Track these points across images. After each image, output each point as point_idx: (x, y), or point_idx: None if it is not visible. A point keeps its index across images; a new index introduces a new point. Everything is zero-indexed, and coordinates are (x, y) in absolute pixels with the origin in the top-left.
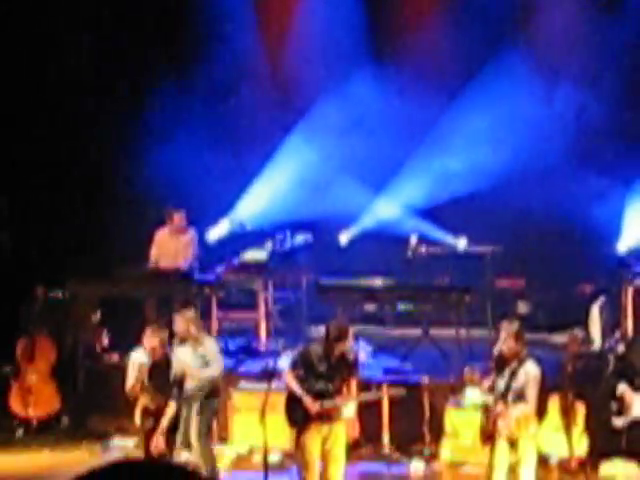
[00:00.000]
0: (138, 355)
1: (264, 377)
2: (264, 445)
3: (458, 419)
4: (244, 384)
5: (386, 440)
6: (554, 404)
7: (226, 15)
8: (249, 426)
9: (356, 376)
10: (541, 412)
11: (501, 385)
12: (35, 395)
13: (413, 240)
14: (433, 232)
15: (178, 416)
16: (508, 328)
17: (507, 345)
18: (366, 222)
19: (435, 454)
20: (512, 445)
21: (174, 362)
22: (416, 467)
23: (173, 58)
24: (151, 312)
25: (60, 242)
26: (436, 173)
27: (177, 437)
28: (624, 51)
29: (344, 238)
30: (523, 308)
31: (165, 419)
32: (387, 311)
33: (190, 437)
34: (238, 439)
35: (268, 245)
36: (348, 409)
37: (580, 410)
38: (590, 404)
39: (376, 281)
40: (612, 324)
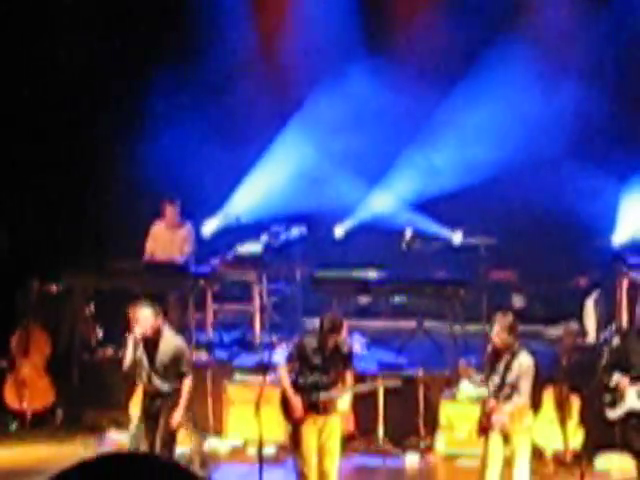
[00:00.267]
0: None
1: (259, 370)
2: (259, 438)
3: (453, 412)
4: (239, 377)
5: (381, 433)
6: (549, 397)
7: (221, 9)
8: (244, 419)
9: (351, 369)
10: (536, 405)
11: (495, 378)
12: (30, 388)
13: (408, 233)
14: (428, 225)
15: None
16: (502, 320)
17: (500, 337)
18: (361, 215)
19: (430, 447)
20: (506, 439)
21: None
22: (411, 460)
23: (168, 54)
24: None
25: (55, 235)
26: (431, 166)
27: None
28: (620, 46)
29: (339, 231)
30: (518, 301)
31: (185, 394)
32: (382, 304)
33: None
34: (233, 432)
35: (263, 238)
36: (343, 402)
37: (575, 403)
38: (585, 397)
39: (371, 274)
40: (607, 317)
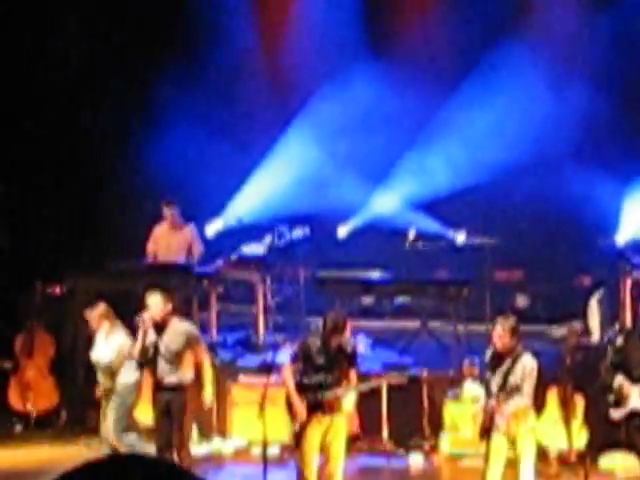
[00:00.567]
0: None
1: (263, 370)
2: (263, 439)
3: (457, 412)
4: (243, 378)
5: (385, 434)
6: (553, 397)
7: (224, 11)
8: (248, 420)
9: (355, 368)
10: (539, 405)
11: (498, 380)
12: (34, 390)
13: (411, 233)
14: (431, 225)
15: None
16: (504, 323)
17: (502, 341)
18: (364, 215)
19: (434, 447)
20: (510, 440)
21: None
22: (415, 460)
23: (171, 55)
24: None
25: (58, 237)
26: (434, 166)
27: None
28: (624, 45)
29: (342, 231)
30: (522, 301)
31: (207, 373)
32: (385, 304)
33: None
34: (237, 433)
35: (267, 239)
36: (347, 402)
37: (579, 403)
38: (589, 396)
39: (374, 274)
40: (611, 316)
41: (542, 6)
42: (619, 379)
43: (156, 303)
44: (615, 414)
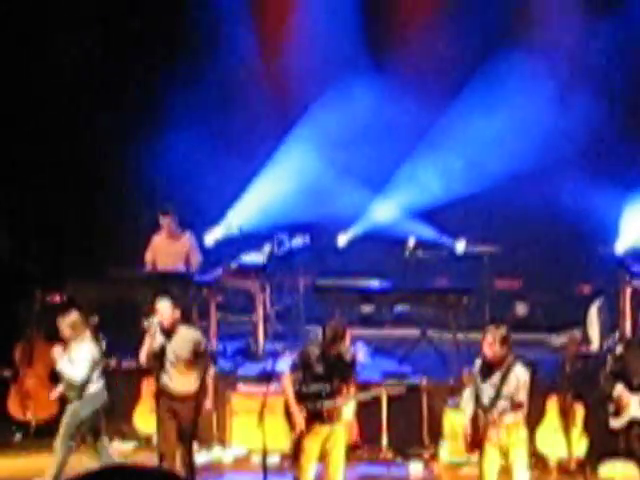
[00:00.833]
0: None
1: (262, 379)
2: (263, 447)
3: (457, 421)
4: (243, 387)
5: (385, 442)
6: (553, 405)
7: (226, 19)
8: (248, 429)
9: (354, 377)
10: (539, 413)
11: (489, 392)
12: (34, 399)
13: (411, 242)
14: (431, 234)
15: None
16: (495, 332)
17: (492, 349)
18: (364, 224)
19: (434, 456)
20: (503, 451)
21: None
22: (415, 469)
23: (171, 63)
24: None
25: (57, 245)
26: (434, 175)
27: None
28: (625, 54)
29: (342, 240)
30: (521, 309)
31: (210, 379)
32: (385, 313)
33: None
34: (237, 441)
35: (266, 247)
36: (347, 411)
37: (579, 411)
38: (589, 405)
39: (374, 283)
40: (610, 325)
41: (542, 15)
42: (619, 388)
43: (165, 308)
44: (615, 423)
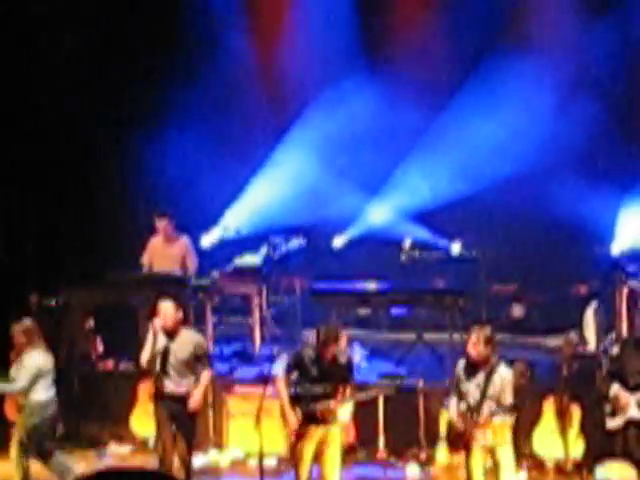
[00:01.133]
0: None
1: (259, 382)
2: (259, 450)
3: None
4: (239, 389)
5: (381, 444)
6: (549, 406)
7: (222, 22)
8: (244, 431)
9: (350, 380)
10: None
11: (474, 393)
12: None
13: (407, 244)
14: (427, 236)
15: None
16: (479, 332)
17: (476, 349)
18: (360, 227)
19: (431, 458)
20: (488, 451)
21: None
22: (412, 471)
23: (167, 67)
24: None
25: (53, 250)
26: (429, 177)
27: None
28: (620, 53)
29: (338, 243)
30: (518, 311)
31: (203, 381)
32: (381, 315)
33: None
34: (233, 444)
35: (262, 250)
36: (344, 413)
37: (575, 412)
38: (585, 406)
39: (370, 285)
40: (606, 326)
41: (538, 17)
42: (615, 388)
43: (167, 309)
44: (611, 424)
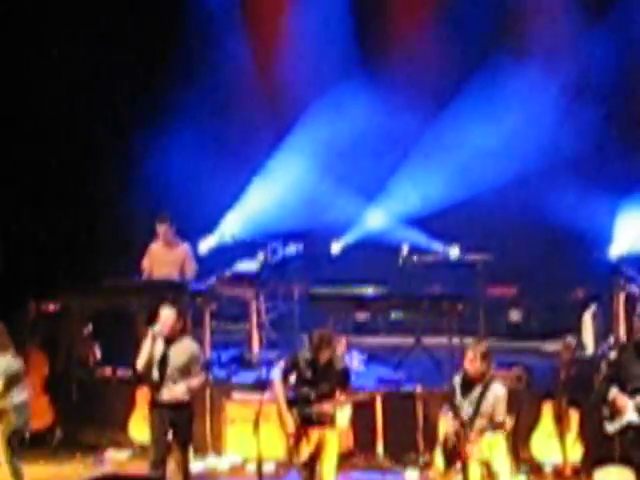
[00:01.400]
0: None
1: (257, 387)
2: (258, 455)
3: None
4: (237, 395)
5: (380, 449)
6: (547, 411)
7: (218, 27)
8: (243, 436)
9: (345, 385)
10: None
11: (468, 409)
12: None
13: (404, 249)
14: (424, 241)
15: None
16: (475, 348)
17: (474, 366)
18: (357, 232)
19: (429, 463)
20: (483, 463)
21: None
22: (410, 476)
23: (164, 73)
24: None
25: (51, 254)
26: (427, 182)
27: None
28: (619, 57)
29: (336, 248)
30: (516, 315)
31: (194, 381)
32: (379, 320)
33: None
34: (232, 449)
35: (260, 256)
36: (342, 418)
37: (574, 417)
38: (584, 410)
39: (368, 290)
40: (605, 330)
41: (537, 21)
42: (613, 393)
43: (167, 316)
44: (610, 428)
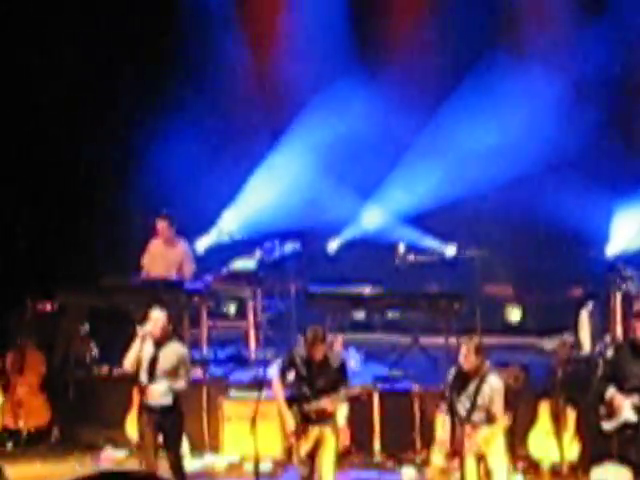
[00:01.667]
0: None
1: (254, 386)
2: (255, 454)
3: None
4: (234, 393)
5: (377, 447)
6: (545, 409)
7: (216, 26)
8: (240, 435)
9: (344, 382)
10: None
11: (465, 403)
12: (25, 407)
13: (401, 247)
14: (421, 239)
15: None
16: (468, 343)
17: (468, 360)
18: (354, 230)
19: (426, 461)
20: (480, 457)
21: None
22: (408, 474)
23: (162, 73)
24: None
25: (48, 254)
26: (424, 181)
27: None
28: (613, 55)
29: (333, 246)
30: (512, 314)
31: (180, 383)
32: (376, 319)
33: None
34: (229, 448)
35: (257, 254)
36: (338, 416)
37: (571, 415)
38: (581, 409)
39: (365, 289)
40: (601, 329)
41: (534, 22)
42: (610, 391)
43: (158, 318)
44: (607, 426)
